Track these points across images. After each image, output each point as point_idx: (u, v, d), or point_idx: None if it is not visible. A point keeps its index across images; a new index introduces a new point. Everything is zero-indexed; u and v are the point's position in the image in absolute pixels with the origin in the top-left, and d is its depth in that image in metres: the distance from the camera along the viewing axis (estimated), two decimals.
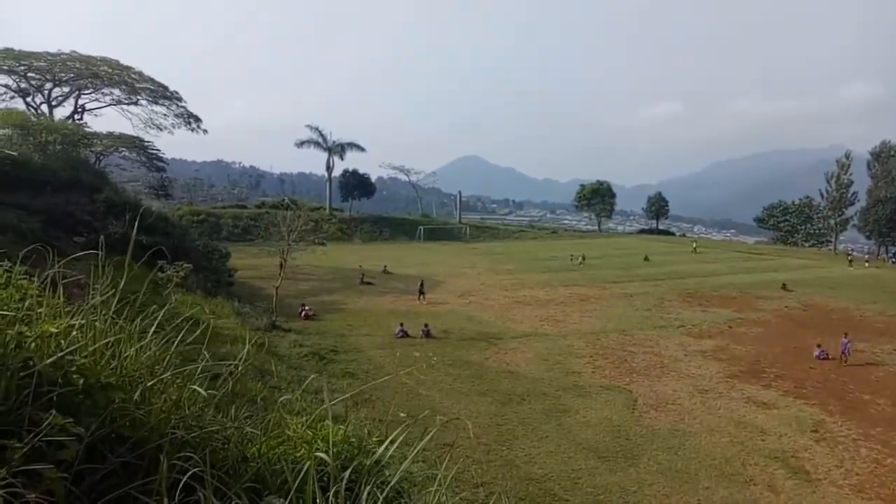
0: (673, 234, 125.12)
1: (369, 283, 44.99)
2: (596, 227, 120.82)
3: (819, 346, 29.29)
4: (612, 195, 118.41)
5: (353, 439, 3.28)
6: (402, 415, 3.89)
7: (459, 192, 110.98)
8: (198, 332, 3.49)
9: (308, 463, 2.61)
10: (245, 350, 3.89)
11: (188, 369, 3.09)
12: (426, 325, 30.54)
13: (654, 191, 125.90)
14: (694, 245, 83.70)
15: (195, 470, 2.22)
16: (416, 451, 3.36)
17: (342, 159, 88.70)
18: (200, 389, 2.84)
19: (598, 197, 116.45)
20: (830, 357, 28.59)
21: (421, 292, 38.97)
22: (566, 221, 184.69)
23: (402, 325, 30.64)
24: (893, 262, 77.50)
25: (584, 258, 62.43)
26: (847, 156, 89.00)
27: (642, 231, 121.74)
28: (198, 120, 64.19)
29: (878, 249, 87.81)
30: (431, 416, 18.75)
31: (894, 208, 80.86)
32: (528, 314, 36.37)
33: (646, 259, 64.98)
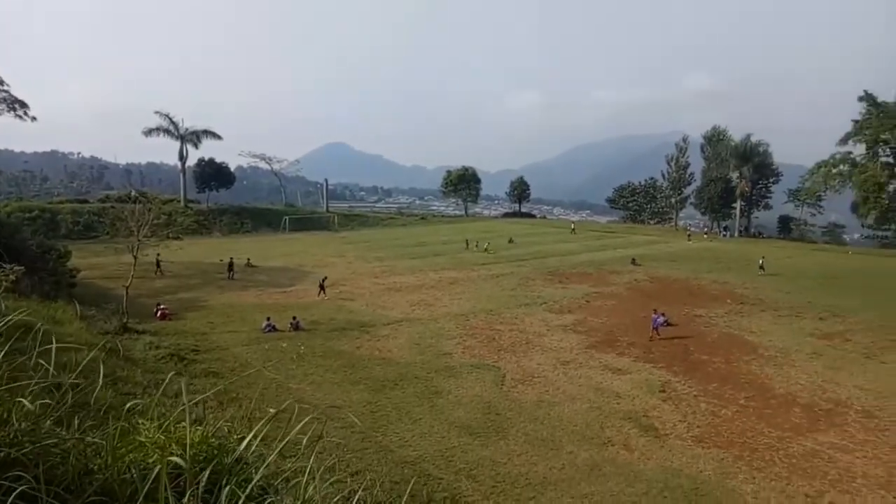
0: (534, 216, 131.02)
1: (231, 276, 42.87)
2: (463, 212, 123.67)
3: (663, 314, 32.06)
4: (478, 181, 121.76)
5: (213, 440, 3.18)
6: (270, 410, 3.81)
7: (326, 181, 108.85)
8: (29, 340, 3.21)
9: (158, 468, 2.49)
10: (89, 356, 3.62)
11: (19, 384, 2.84)
12: (295, 318, 29.82)
13: (517, 176, 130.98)
14: (572, 226, 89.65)
15: (24, 487, 2.05)
16: (280, 445, 3.32)
17: (197, 148, 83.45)
18: (27, 402, 2.61)
19: (464, 183, 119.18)
20: (673, 324, 31.51)
21: (321, 287, 37.44)
22: (434, 207, 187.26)
23: (269, 319, 29.66)
24: (724, 236, 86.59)
25: (511, 240, 66.18)
26: (684, 140, 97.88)
27: (506, 214, 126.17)
28: (24, 105, 57.65)
29: (712, 224, 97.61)
30: (303, 409, 18.50)
31: (724, 187, 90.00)
32: (399, 300, 36.64)
33: (510, 241, 67.66)
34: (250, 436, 3.20)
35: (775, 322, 32.57)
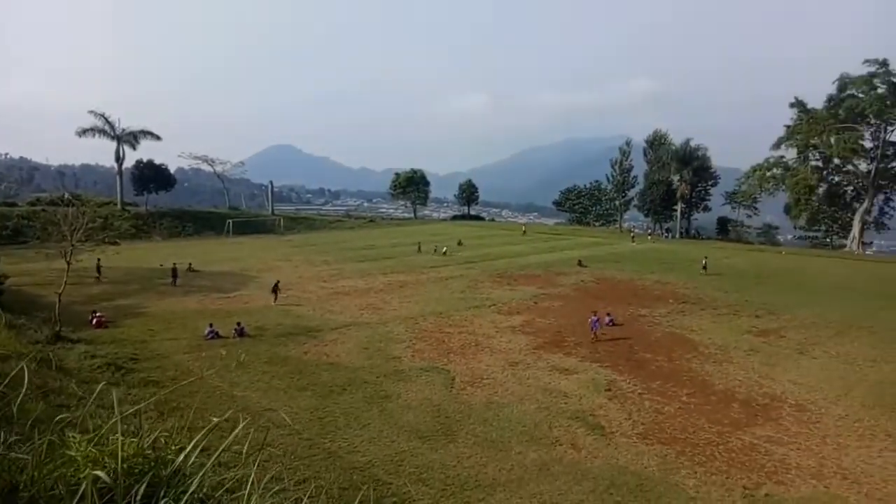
0: (483, 218, 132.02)
1: (175, 283, 41.43)
2: (412, 215, 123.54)
3: (608, 313, 32.87)
4: (427, 183, 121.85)
5: (150, 451, 3.06)
6: (213, 419, 3.69)
7: (271, 183, 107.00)
8: None
9: (86, 483, 2.38)
10: (18, 367, 3.44)
11: None
12: (239, 324, 29.12)
13: (466, 178, 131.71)
14: (523, 228, 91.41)
15: None
16: (218, 455, 3.21)
17: (134, 149, 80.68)
18: None
19: (412, 185, 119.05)
20: (619, 323, 32.27)
21: (274, 292, 36.45)
22: (383, 210, 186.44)
23: (211, 325, 28.87)
24: (666, 237, 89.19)
25: (460, 243, 66.92)
26: (628, 143, 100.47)
27: (455, 217, 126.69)
28: None
29: (655, 226, 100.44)
30: (247, 417, 18.05)
31: (666, 189, 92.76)
32: (347, 304, 36.26)
33: (459, 244, 67.90)
34: (189, 446, 3.10)
35: (715, 320, 33.70)
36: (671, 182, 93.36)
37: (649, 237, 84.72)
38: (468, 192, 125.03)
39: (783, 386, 23.43)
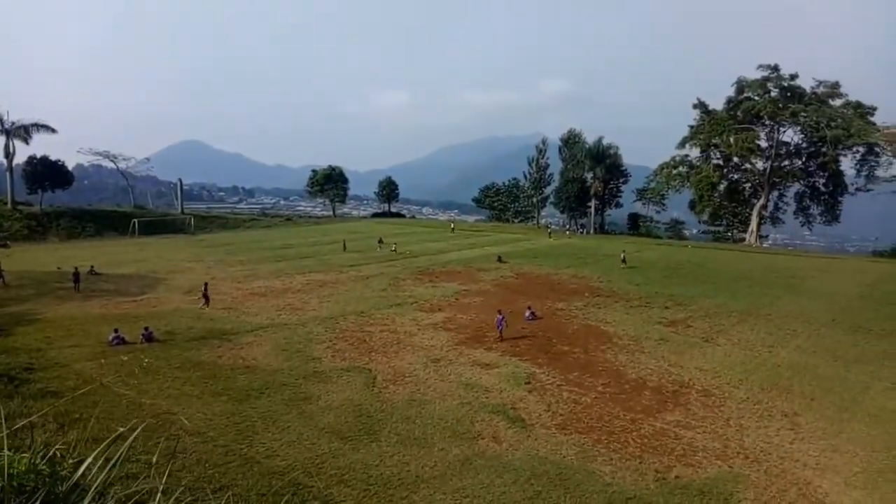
0: (404, 215, 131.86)
1: (77, 288, 38.73)
2: (331, 213, 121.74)
3: (529, 307, 33.57)
4: (345, 180, 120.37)
5: (44, 467, 2.82)
6: (121, 429, 3.43)
7: (180, 180, 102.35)
8: None
9: None
10: None
11: None
12: (147, 329, 27.63)
13: (386, 175, 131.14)
14: (451, 225, 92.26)
15: None
16: (120, 466, 2.98)
17: (27, 143, 75.16)
18: None
19: (331, 182, 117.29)
20: (539, 317, 32.99)
21: (204, 296, 34.58)
22: (301, 208, 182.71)
23: (116, 331, 27.19)
24: (581, 233, 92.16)
25: (380, 241, 65.54)
26: (544, 142, 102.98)
27: (375, 214, 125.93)
28: None
29: (570, 222, 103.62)
30: (159, 427, 17.21)
31: (580, 186, 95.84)
32: (263, 305, 35.21)
33: (380, 241, 67.43)
34: (89, 459, 2.87)
35: (627, 312, 35.07)
36: (585, 179, 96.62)
37: (567, 233, 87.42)
38: (388, 190, 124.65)
39: (690, 373, 24.66)
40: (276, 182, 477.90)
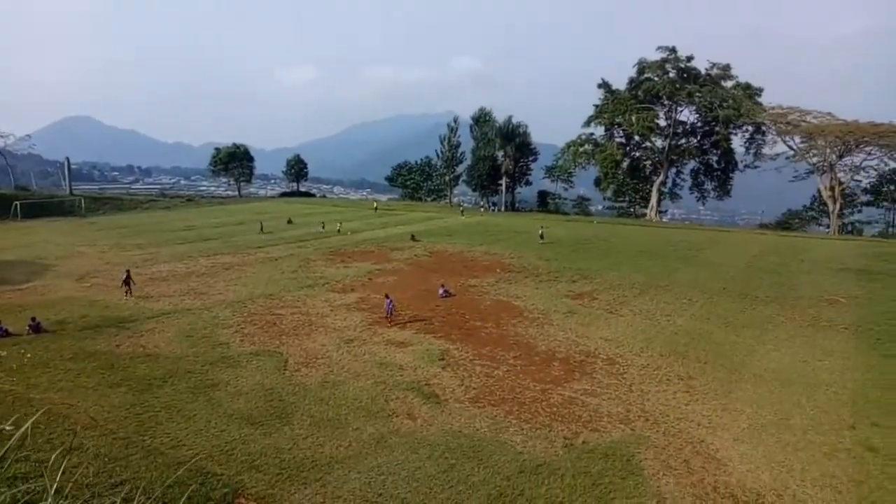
0: (314, 195, 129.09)
1: None
2: (236, 193, 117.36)
3: (442, 285, 33.79)
4: (251, 159, 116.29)
5: None
6: (7, 427, 3.11)
7: (67, 159, 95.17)
8: None
9: None
10: None
11: None
12: (34, 319, 25.65)
13: (294, 154, 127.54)
14: (375, 205, 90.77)
15: None
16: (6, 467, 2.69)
17: None
18: None
19: (235, 161, 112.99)
20: (452, 294, 33.27)
21: (126, 283, 31.89)
22: (203, 188, 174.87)
23: None
24: (493, 210, 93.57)
25: (290, 221, 64.52)
26: (455, 120, 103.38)
27: (284, 194, 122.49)
28: None
29: (482, 200, 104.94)
30: (51, 423, 16.10)
31: (492, 165, 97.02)
32: (165, 290, 33.54)
33: (289, 222, 65.77)
34: None
35: (537, 287, 35.99)
36: (496, 158, 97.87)
37: (482, 211, 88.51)
38: (297, 168, 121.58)
39: (596, 343, 25.68)
40: (176, 161, 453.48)
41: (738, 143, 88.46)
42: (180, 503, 11.55)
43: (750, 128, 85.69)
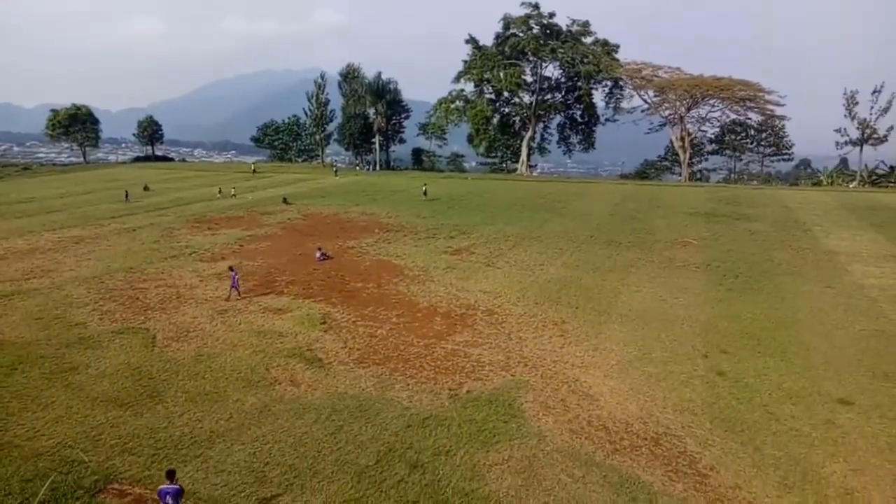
0: (172, 159, 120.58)
1: None
2: (81, 159, 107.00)
3: (319, 248, 32.99)
4: (95, 121, 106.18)
5: None
6: None
7: None
8: None
9: None
10: None
11: None
12: None
13: (146, 115, 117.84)
14: (252, 166, 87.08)
15: None
16: None
17: None
18: None
19: (77, 124, 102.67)
20: (330, 256, 32.59)
21: None
22: (41, 155, 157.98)
23: None
24: (367, 170, 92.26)
25: (146, 188, 60.12)
26: (322, 76, 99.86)
27: (138, 159, 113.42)
28: None
29: (357, 159, 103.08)
30: None
31: (363, 123, 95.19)
32: (4, 270, 30.05)
33: (146, 189, 61.08)
34: None
35: (416, 245, 36.17)
36: (368, 115, 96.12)
37: (357, 170, 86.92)
38: (150, 131, 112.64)
39: (476, 296, 26.34)
40: (6, 125, 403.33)
41: (598, 97, 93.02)
42: (40, 496, 10.60)
43: (609, 83, 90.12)
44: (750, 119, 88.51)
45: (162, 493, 11.32)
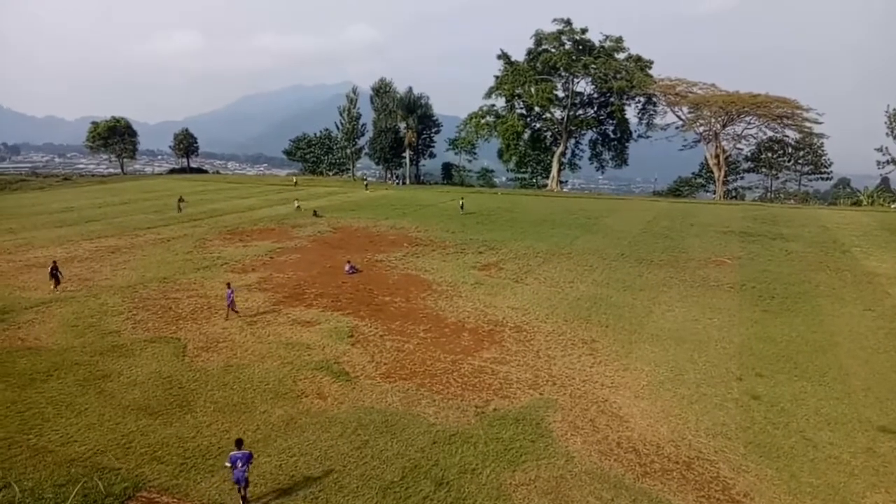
0: (206, 171, 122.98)
1: None
2: (119, 170, 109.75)
3: (348, 261, 33.19)
4: (134, 133, 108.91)
5: None
6: None
7: None
8: None
9: None
10: None
11: None
12: None
13: (181, 127, 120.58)
14: (294, 180, 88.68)
15: None
16: None
17: None
18: None
19: (116, 136, 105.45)
20: (359, 270, 32.75)
21: (54, 276, 28.60)
22: (81, 166, 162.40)
23: None
24: (397, 184, 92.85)
25: (181, 199, 59.75)
26: (354, 91, 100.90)
27: (174, 171, 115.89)
28: None
29: (386, 173, 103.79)
30: None
31: (394, 137, 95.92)
32: (44, 278, 30.67)
33: (181, 200, 62.24)
34: None
35: (444, 259, 36.15)
36: (398, 130, 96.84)
37: (387, 184, 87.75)
38: (186, 143, 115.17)
39: (504, 312, 26.16)
40: (49, 137, 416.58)
41: (631, 113, 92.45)
42: (70, 501, 10.74)
43: (642, 99, 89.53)
44: (787, 136, 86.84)
45: (233, 459, 12.46)
